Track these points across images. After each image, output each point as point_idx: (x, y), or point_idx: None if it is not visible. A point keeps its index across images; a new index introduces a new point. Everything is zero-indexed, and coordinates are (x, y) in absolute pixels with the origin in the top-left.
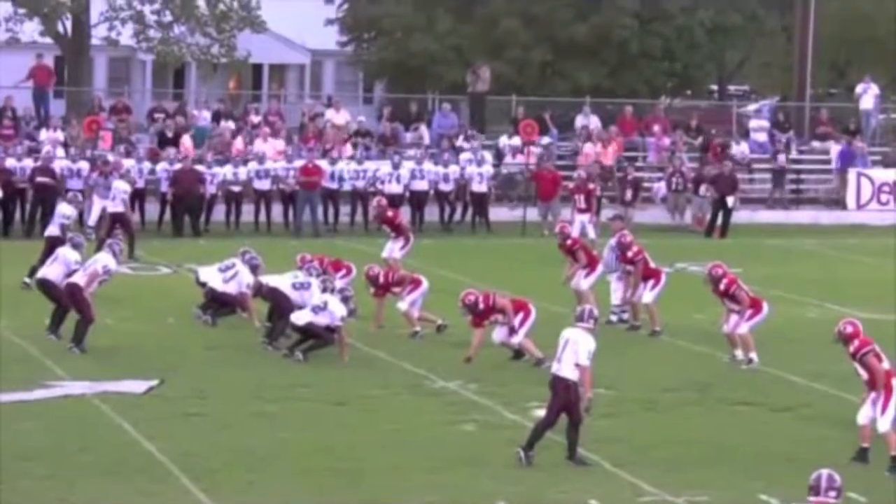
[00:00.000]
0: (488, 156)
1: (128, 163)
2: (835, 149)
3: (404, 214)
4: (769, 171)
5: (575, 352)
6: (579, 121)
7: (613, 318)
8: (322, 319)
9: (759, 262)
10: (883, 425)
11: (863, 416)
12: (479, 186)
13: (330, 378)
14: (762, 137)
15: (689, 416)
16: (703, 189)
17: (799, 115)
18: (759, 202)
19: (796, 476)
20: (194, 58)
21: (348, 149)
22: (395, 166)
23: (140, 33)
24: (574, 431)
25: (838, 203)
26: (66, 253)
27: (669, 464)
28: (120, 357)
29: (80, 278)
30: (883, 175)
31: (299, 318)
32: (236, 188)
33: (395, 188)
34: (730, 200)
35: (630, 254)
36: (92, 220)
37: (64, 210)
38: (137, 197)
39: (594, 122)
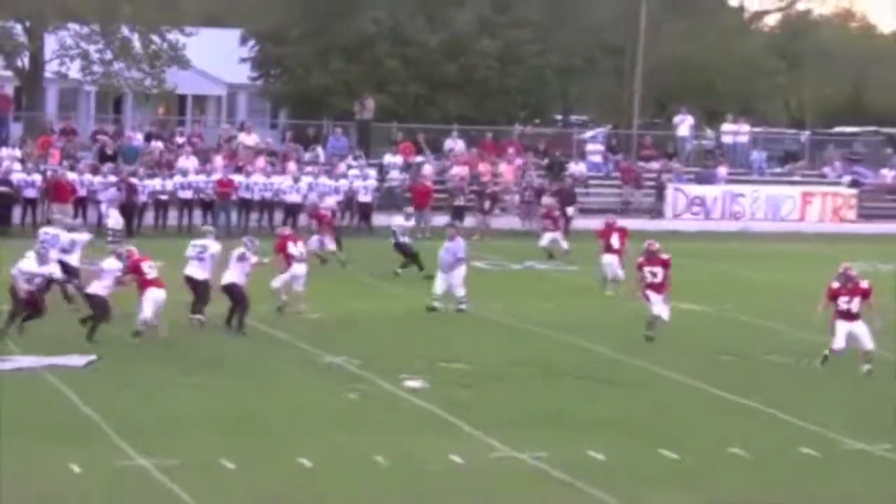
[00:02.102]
0: (372, 172)
1: (71, 175)
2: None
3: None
4: (606, 186)
5: None
6: (448, 144)
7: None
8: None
9: (595, 261)
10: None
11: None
12: (364, 197)
13: (240, 355)
14: (597, 159)
15: (534, 387)
16: (546, 200)
17: (628, 140)
18: (594, 212)
19: (621, 437)
20: (130, 89)
21: (260, 163)
22: (296, 180)
23: (86, 68)
24: None
25: (659, 213)
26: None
27: (516, 426)
28: (66, 336)
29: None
30: (695, 190)
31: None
32: (164, 197)
33: (295, 198)
34: (569, 210)
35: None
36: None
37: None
38: (80, 203)
39: (460, 145)
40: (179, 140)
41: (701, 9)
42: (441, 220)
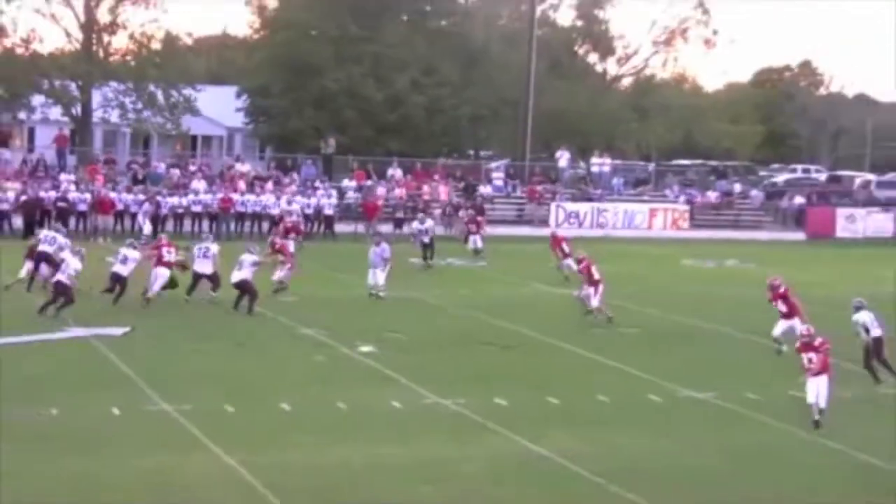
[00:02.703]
0: (334, 192)
1: (112, 194)
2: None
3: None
4: (504, 202)
5: None
6: (390, 171)
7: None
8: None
9: (500, 258)
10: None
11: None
12: (328, 211)
13: (237, 328)
14: (500, 183)
15: (455, 352)
16: (462, 213)
17: (522, 169)
18: (499, 222)
19: (518, 388)
20: (155, 131)
21: (248, 186)
22: (278, 198)
23: (123, 115)
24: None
25: (546, 223)
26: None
27: (442, 381)
28: (108, 312)
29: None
30: (571, 206)
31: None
32: (181, 210)
33: (276, 212)
34: (479, 220)
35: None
36: (146, 229)
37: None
38: (119, 215)
39: (399, 173)
40: (192, 168)
41: (575, 73)
42: (386, 227)
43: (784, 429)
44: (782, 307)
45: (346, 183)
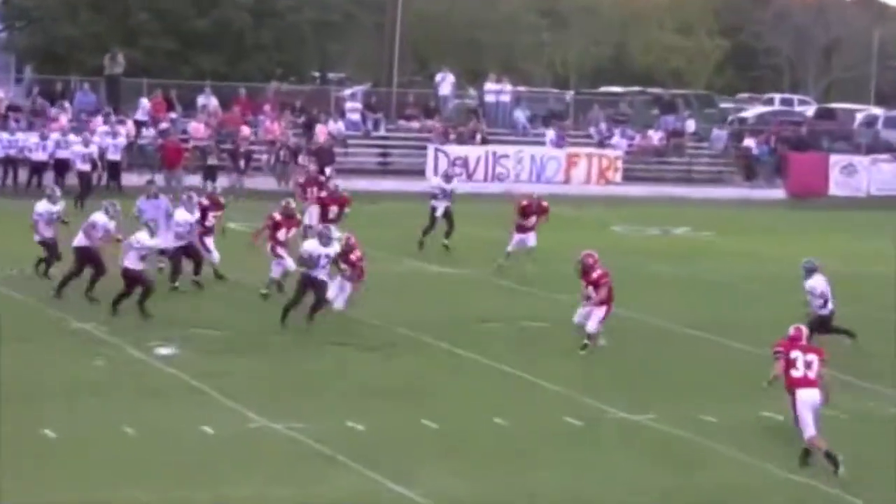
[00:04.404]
0: (122, 129)
1: None
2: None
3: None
4: (362, 145)
5: None
6: (201, 100)
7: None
8: None
9: (356, 223)
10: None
11: (579, 318)
12: (113, 156)
13: None
14: (356, 117)
15: (296, 357)
16: (301, 159)
17: (387, 98)
18: (353, 172)
19: (380, 408)
20: None
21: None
22: (43, 137)
23: None
24: None
25: (421, 172)
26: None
27: (274, 395)
28: None
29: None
30: (457, 151)
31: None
32: None
33: (41, 156)
34: (327, 171)
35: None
36: None
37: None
38: None
39: (213, 103)
40: None
41: None
42: (195, 180)
43: (753, 464)
44: (593, 294)
45: (138, 116)
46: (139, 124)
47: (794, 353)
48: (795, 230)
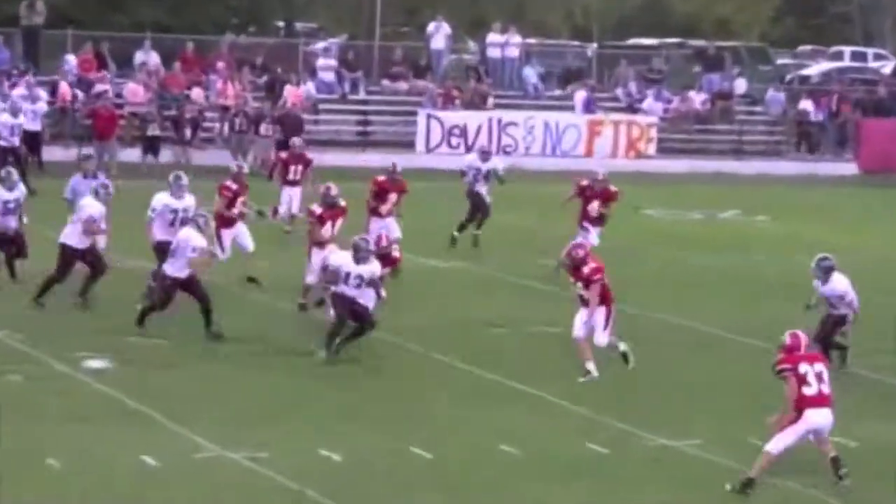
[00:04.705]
0: (43, 93)
1: None
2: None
3: None
4: (337, 111)
5: None
6: (139, 57)
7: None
8: None
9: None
10: (601, 339)
11: (577, 330)
12: (32, 124)
13: None
14: (329, 77)
15: (259, 370)
16: (264, 129)
17: (368, 53)
18: (327, 144)
19: (363, 432)
20: None
21: None
22: None
23: None
24: None
25: (411, 145)
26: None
27: (232, 417)
28: None
29: None
30: (452, 117)
31: None
32: None
33: None
34: (296, 142)
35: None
36: None
37: None
38: None
39: (154, 59)
40: None
41: None
42: (132, 154)
43: (817, 498)
44: (585, 293)
45: (63, 76)
46: (62, 86)
47: (804, 367)
48: (868, 214)
